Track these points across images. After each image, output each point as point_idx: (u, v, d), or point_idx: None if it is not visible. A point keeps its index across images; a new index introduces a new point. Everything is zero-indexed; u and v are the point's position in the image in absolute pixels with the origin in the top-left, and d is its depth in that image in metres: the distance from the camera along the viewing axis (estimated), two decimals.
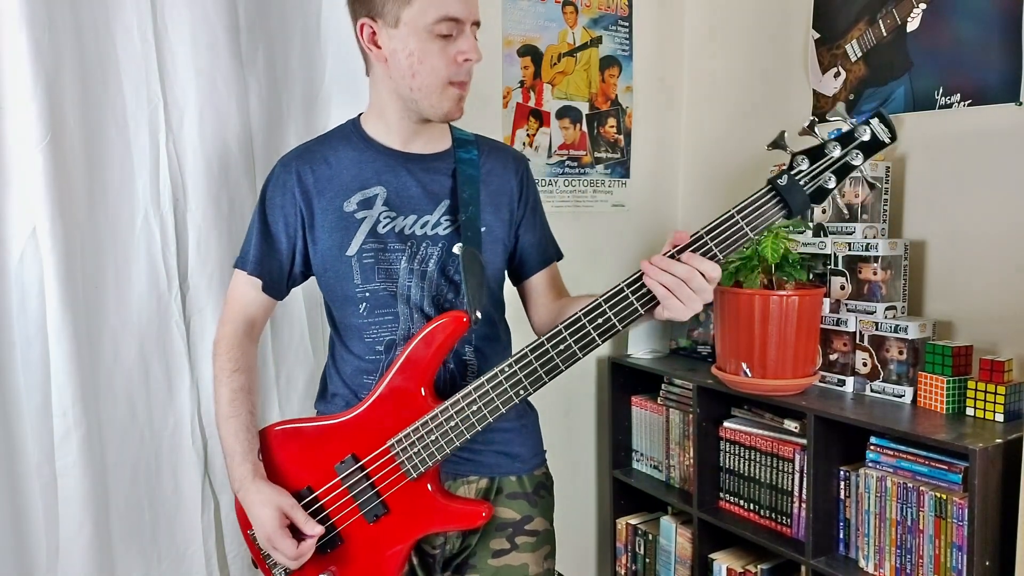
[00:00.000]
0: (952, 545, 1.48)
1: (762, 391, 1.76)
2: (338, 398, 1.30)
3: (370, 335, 1.25)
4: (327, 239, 1.24)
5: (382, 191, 1.24)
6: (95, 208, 1.46)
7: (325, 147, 1.28)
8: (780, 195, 1.06)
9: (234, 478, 1.23)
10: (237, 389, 1.26)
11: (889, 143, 1.06)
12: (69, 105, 1.40)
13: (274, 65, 1.62)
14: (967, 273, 1.74)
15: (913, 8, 1.81)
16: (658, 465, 2.21)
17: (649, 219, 2.42)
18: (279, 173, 1.28)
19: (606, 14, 2.26)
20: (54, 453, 1.40)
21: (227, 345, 1.28)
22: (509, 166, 1.33)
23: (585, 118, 2.26)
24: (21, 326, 1.39)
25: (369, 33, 1.18)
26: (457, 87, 1.19)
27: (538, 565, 1.30)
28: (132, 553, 1.52)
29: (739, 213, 1.07)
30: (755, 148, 2.22)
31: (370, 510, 1.20)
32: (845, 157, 1.06)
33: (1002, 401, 1.55)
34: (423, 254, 1.24)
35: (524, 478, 1.32)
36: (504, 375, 1.12)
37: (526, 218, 1.34)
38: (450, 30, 1.14)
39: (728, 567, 1.93)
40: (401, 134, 1.26)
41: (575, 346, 1.10)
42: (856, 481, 1.66)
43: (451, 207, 1.25)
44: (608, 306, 1.09)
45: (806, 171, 1.07)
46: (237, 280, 1.31)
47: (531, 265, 1.37)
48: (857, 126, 1.06)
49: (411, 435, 1.17)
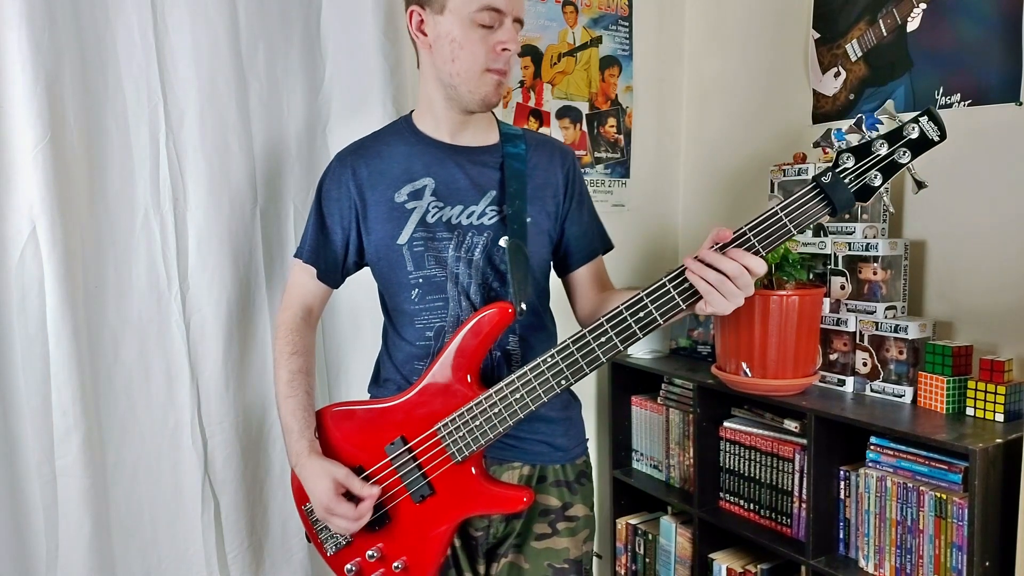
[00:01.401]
0: (952, 545, 1.48)
1: (762, 391, 1.76)
2: (390, 383, 1.34)
3: (421, 320, 1.29)
4: (380, 229, 1.30)
5: (431, 182, 1.29)
6: (95, 208, 1.46)
7: (379, 142, 1.34)
8: (824, 193, 1.06)
9: (291, 453, 1.29)
10: (295, 371, 1.32)
11: (938, 141, 1.03)
12: (69, 105, 1.40)
13: (274, 65, 1.62)
14: (967, 273, 1.74)
15: (913, 8, 1.81)
16: (658, 465, 2.21)
17: (649, 219, 2.42)
18: (335, 168, 1.35)
19: (606, 14, 2.26)
20: (54, 452, 1.40)
21: (286, 329, 1.36)
22: (555, 160, 1.37)
23: (585, 118, 2.26)
24: (21, 326, 1.39)
25: (417, 20, 1.24)
26: (495, 74, 1.23)
27: (577, 548, 1.35)
28: (132, 553, 1.52)
29: (783, 210, 1.07)
30: (755, 148, 2.22)
31: (417, 490, 1.24)
32: (892, 155, 1.05)
33: (1002, 401, 1.55)
34: (469, 243, 1.28)
35: (567, 467, 1.36)
36: (546, 365, 1.16)
37: (572, 211, 1.38)
38: (492, 21, 1.20)
39: (728, 567, 1.93)
40: (449, 126, 1.31)
41: (616, 339, 1.13)
42: (856, 481, 1.66)
43: (497, 199, 1.29)
44: (649, 300, 1.11)
45: (851, 168, 1.06)
46: (295, 268, 1.39)
47: (576, 258, 1.41)
48: (905, 123, 1.04)
49: (456, 420, 1.21)
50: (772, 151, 2.14)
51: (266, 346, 1.63)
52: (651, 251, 2.44)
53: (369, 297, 1.42)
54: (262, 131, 1.62)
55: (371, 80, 1.68)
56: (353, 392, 1.74)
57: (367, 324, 1.72)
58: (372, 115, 1.67)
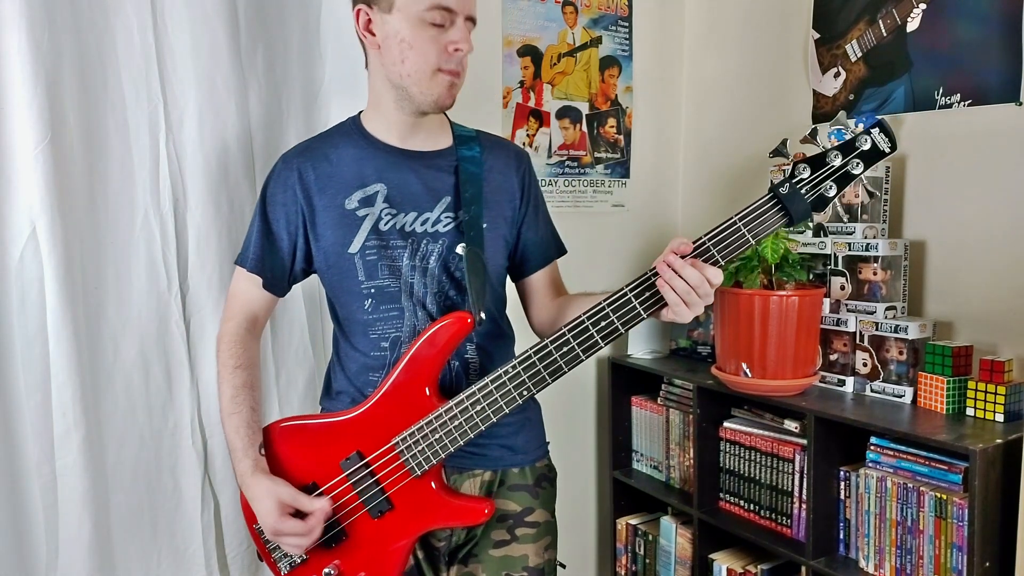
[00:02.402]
0: (952, 545, 1.48)
1: (762, 391, 1.76)
2: (343, 395, 1.31)
3: (375, 331, 1.26)
4: (329, 236, 1.25)
5: (383, 188, 1.24)
6: (95, 208, 1.46)
7: (326, 144, 1.29)
8: (782, 203, 1.08)
9: (237, 473, 1.24)
10: (239, 386, 1.27)
11: (889, 152, 1.07)
12: (69, 105, 1.40)
13: (274, 65, 1.62)
14: (967, 273, 1.74)
15: (913, 8, 1.81)
16: (658, 465, 2.20)
17: (649, 219, 2.42)
18: (280, 170, 1.29)
19: (606, 14, 2.26)
20: (54, 453, 1.40)
21: (229, 341, 1.29)
22: (511, 163, 1.33)
23: (585, 118, 2.26)
24: (21, 326, 1.39)
25: (365, 20, 1.20)
26: (447, 74, 1.19)
27: (538, 556, 1.31)
28: (132, 553, 1.52)
29: (741, 220, 1.08)
30: (755, 148, 2.22)
31: (375, 506, 1.21)
32: (846, 166, 1.07)
33: (1002, 401, 1.54)
34: (424, 251, 1.24)
35: (526, 470, 1.33)
36: (507, 376, 1.15)
37: (528, 216, 1.35)
38: (443, 20, 1.16)
39: (728, 567, 1.93)
40: (399, 129, 1.26)
41: (578, 348, 1.12)
42: (856, 481, 1.66)
43: (452, 204, 1.25)
44: (611, 309, 1.11)
45: (807, 179, 1.08)
46: (238, 277, 1.32)
47: (532, 263, 1.38)
48: (857, 135, 1.07)
49: (415, 433, 1.18)
50: None
51: (266, 346, 1.63)
52: (651, 251, 2.43)
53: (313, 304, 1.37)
54: (262, 131, 1.62)
55: None
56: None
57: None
58: None
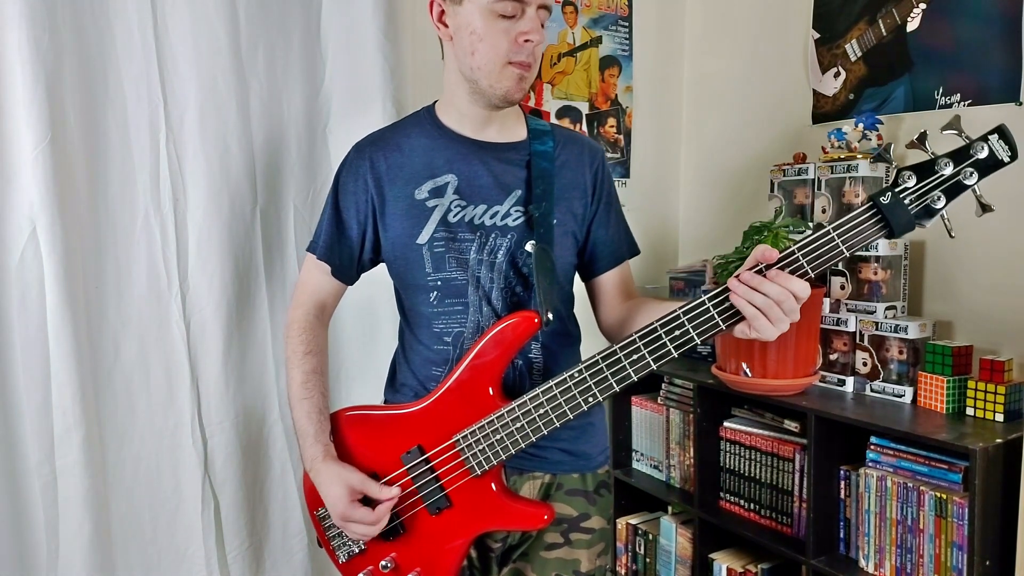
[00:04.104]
0: (952, 545, 1.48)
1: (762, 391, 1.76)
2: (407, 388, 1.30)
3: (439, 325, 1.24)
4: (398, 226, 1.24)
5: (453, 179, 1.23)
6: (95, 208, 1.46)
7: (399, 134, 1.28)
8: (882, 213, 0.98)
9: (306, 458, 1.24)
10: (309, 371, 1.27)
11: (1009, 162, 0.96)
12: (69, 105, 1.40)
13: (274, 65, 1.62)
14: (967, 273, 1.74)
15: (913, 8, 1.81)
16: (658, 465, 2.20)
17: (649, 219, 2.42)
18: (352, 159, 1.28)
19: (606, 14, 2.26)
20: (54, 452, 1.40)
21: (299, 328, 1.30)
22: (584, 158, 1.29)
23: (585, 118, 2.26)
24: (21, 326, 1.39)
25: (438, 11, 1.18)
26: (517, 67, 1.16)
27: (591, 562, 1.29)
28: (132, 553, 1.52)
29: (836, 230, 0.99)
30: (755, 148, 2.22)
31: (433, 502, 1.20)
32: (957, 175, 0.97)
33: (1002, 401, 1.55)
34: (492, 245, 1.22)
35: (587, 476, 1.31)
36: (573, 380, 1.10)
37: (599, 213, 1.31)
38: (513, 10, 1.13)
39: (728, 567, 1.93)
40: (473, 121, 1.24)
41: (649, 357, 1.06)
42: (856, 481, 1.66)
43: (523, 199, 1.23)
44: (687, 319, 1.03)
45: (912, 188, 0.98)
46: (308, 264, 1.33)
47: (602, 263, 1.33)
48: (973, 142, 0.96)
49: (477, 432, 1.16)
50: (772, 151, 2.14)
51: (266, 346, 1.63)
52: (651, 251, 2.44)
53: (385, 292, 1.35)
54: (262, 131, 1.62)
55: (371, 80, 1.68)
56: (355, 394, 1.72)
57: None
58: (372, 115, 1.67)
